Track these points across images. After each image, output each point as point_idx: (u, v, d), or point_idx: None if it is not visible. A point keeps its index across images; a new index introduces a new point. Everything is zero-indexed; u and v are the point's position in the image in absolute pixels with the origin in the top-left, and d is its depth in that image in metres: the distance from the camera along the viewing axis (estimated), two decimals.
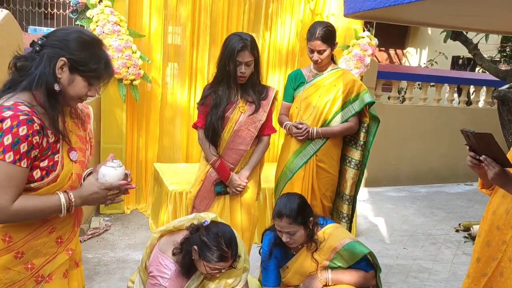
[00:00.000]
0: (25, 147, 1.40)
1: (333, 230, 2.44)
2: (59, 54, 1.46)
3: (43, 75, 1.45)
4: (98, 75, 1.54)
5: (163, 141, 4.92)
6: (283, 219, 2.30)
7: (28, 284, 1.55)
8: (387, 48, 11.79)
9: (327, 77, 2.98)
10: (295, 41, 5.19)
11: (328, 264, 2.37)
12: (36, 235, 1.54)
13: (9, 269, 1.51)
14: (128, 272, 3.39)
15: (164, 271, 2.14)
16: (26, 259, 1.53)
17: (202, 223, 2.19)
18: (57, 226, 1.60)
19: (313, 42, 2.83)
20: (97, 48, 1.54)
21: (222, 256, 2.08)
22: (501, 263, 1.87)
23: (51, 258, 1.59)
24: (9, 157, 1.38)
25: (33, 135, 1.41)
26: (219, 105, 2.69)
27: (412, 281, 3.59)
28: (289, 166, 2.98)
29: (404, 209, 5.45)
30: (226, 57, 2.64)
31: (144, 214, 4.67)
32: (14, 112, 1.38)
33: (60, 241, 1.62)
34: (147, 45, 4.59)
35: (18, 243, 1.51)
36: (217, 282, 2.24)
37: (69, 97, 1.53)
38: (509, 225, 1.88)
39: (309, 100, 2.98)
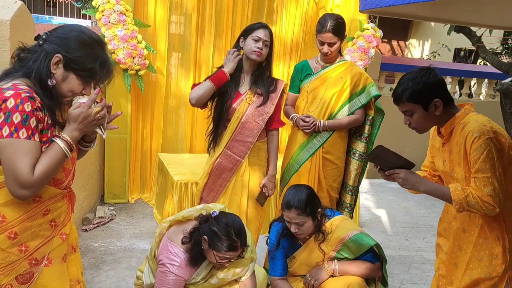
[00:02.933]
0: (34, 122, 1.45)
1: (340, 221, 2.47)
2: (56, 50, 1.51)
3: (38, 69, 1.51)
4: (93, 75, 1.57)
5: (167, 131, 4.94)
6: (292, 210, 2.33)
7: (22, 266, 1.56)
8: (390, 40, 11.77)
9: (334, 69, 2.99)
10: (299, 33, 5.19)
11: (335, 255, 2.41)
12: (30, 215, 1.56)
13: (3, 250, 1.52)
14: (134, 261, 3.44)
15: (173, 259, 2.18)
16: (20, 241, 1.55)
17: (211, 214, 2.22)
18: (51, 208, 1.62)
19: (324, 35, 2.83)
20: (94, 48, 1.57)
21: (232, 245, 2.13)
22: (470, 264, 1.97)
23: (46, 241, 1.61)
24: (23, 134, 1.43)
25: (37, 110, 1.46)
26: (227, 95, 2.70)
27: (414, 272, 3.65)
28: (295, 158, 3.00)
29: (405, 201, 5.49)
30: (243, 34, 2.71)
31: (148, 204, 4.71)
32: (15, 91, 1.43)
33: (54, 225, 1.64)
34: (152, 35, 4.60)
35: (11, 223, 1.52)
36: (225, 271, 2.28)
37: (62, 93, 1.56)
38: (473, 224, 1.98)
39: (315, 92, 2.99)
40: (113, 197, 4.65)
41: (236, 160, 2.78)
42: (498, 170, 1.82)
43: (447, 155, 2.02)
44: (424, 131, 2.05)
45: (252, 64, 2.74)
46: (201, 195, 2.89)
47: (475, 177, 1.85)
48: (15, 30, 1.96)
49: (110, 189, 4.62)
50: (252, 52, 2.66)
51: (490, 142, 1.82)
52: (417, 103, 1.93)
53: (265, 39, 2.68)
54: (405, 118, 2.02)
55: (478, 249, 1.95)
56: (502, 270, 1.91)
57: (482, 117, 1.94)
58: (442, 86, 1.96)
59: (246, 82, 2.76)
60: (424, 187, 1.95)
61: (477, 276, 1.95)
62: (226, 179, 2.81)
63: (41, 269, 1.61)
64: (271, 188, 2.85)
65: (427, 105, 1.92)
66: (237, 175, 2.80)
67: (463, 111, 1.97)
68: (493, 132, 1.85)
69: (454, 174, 2.00)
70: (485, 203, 1.82)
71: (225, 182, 2.81)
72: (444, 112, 1.96)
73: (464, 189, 1.87)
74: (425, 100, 1.92)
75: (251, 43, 2.66)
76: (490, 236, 1.94)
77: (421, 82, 1.90)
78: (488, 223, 1.94)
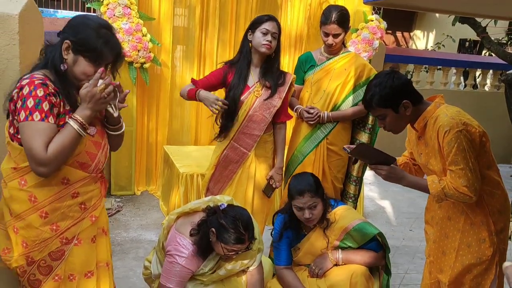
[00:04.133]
0: (47, 106, 1.58)
1: (344, 211, 2.51)
2: (66, 37, 1.65)
3: (53, 58, 1.65)
4: (99, 55, 1.65)
5: (172, 124, 4.97)
6: (305, 194, 2.37)
7: (54, 244, 1.70)
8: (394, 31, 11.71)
9: (337, 60, 2.99)
10: (303, 25, 5.18)
11: (338, 244, 2.44)
12: (59, 197, 1.68)
13: (36, 228, 1.67)
14: (141, 252, 3.48)
15: (182, 250, 2.21)
16: (51, 220, 1.68)
17: (219, 206, 2.25)
18: (80, 191, 1.73)
19: (329, 26, 2.83)
20: (98, 30, 1.65)
21: (240, 238, 2.15)
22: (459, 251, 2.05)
23: (76, 222, 1.74)
24: (36, 116, 1.56)
25: (49, 95, 1.59)
26: (235, 88, 2.72)
27: (418, 262, 3.68)
28: (300, 149, 3.03)
29: (409, 192, 5.48)
30: (251, 27, 2.71)
31: (154, 196, 4.75)
32: (30, 80, 1.59)
33: (84, 207, 1.76)
34: (156, 28, 4.61)
35: (42, 203, 1.66)
36: (233, 263, 2.31)
37: (76, 76, 1.67)
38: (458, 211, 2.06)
39: (319, 84, 3.00)
40: (120, 189, 4.70)
41: (242, 152, 2.80)
42: (470, 160, 1.89)
43: (423, 148, 2.09)
44: (400, 131, 2.11)
45: (261, 57, 2.74)
46: (208, 186, 2.92)
47: (450, 170, 1.92)
48: (23, 24, 1.99)
49: (116, 181, 4.67)
50: (261, 45, 2.66)
51: (460, 134, 1.88)
52: (387, 107, 2.00)
53: (274, 31, 2.67)
54: (379, 122, 2.10)
55: (466, 235, 2.03)
56: (491, 253, 1.99)
57: (452, 109, 2.00)
58: (408, 86, 2.02)
59: (255, 75, 2.77)
60: (405, 182, 2.05)
61: (468, 262, 2.02)
62: (232, 171, 2.84)
63: (71, 248, 1.74)
64: (278, 180, 2.88)
65: (396, 107, 1.98)
66: (244, 167, 2.83)
67: (434, 105, 2.03)
68: (462, 124, 1.91)
69: (430, 166, 2.07)
70: (461, 194, 1.90)
71: (231, 174, 2.84)
72: (415, 110, 2.02)
73: (440, 180, 1.95)
74: (393, 103, 1.98)
75: (260, 36, 2.65)
76: (475, 221, 2.01)
77: (387, 87, 1.96)
78: (471, 209, 2.01)
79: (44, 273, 1.72)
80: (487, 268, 2.01)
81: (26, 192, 1.65)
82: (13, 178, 1.67)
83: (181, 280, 2.21)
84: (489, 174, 2.01)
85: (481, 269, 2.01)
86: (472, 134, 1.92)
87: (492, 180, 2.02)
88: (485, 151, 1.98)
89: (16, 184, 1.66)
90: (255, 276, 2.39)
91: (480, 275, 2.02)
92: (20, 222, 1.67)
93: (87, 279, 1.80)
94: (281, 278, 2.48)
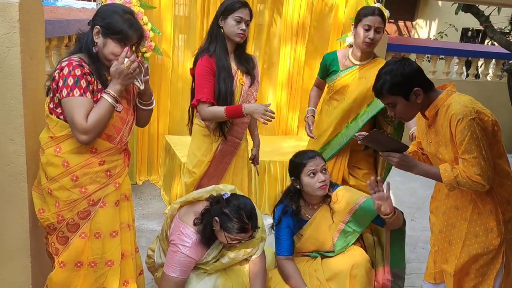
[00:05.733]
0: (84, 83, 1.87)
1: (345, 191, 2.52)
2: (96, 24, 1.92)
3: (86, 42, 1.94)
4: (125, 36, 1.90)
5: (173, 113, 4.96)
6: (317, 157, 2.47)
7: (82, 204, 1.96)
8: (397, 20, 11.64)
9: (362, 67, 2.82)
10: (306, 14, 5.14)
11: (343, 228, 2.44)
12: (88, 163, 1.94)
13: (68, 190, 1.94)
14: (144, 241, 3.49)
15: (185, 239, 2.22)
16: (81, 183, 1.94)
17: (222, 195, 2.25)
18: (106, 159, 1.99)
19: (374, 18, 2.68)
20: (123, 15, 1.92)
21: (243, 227, 2.16)
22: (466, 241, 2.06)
23: (102, 187, 1.99)
24: (76, 92, 1.85)
25: (85, 74, 1.88)
26: (227, 80, 2.59)
27: (420, 251, 3.68)
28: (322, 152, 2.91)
29: (411, 182, 5.50)
30: (223, 13, 2.54)
31: (156, 185, 4.76)
32: (68, 61, 1.88)
33: (109, 174, 2.01)
34: (157, 17, 4.57)
35: (73, 168, 1.93)
36: (236, 251, 2.32)
37: (106, 57, 1.93)
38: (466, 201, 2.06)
39: (340, 92, 2.87)
40: None
41: (236, 142, 2.77)
42: (483, 149, 1.89)
43: (433, 137, 2.07)
44: (410, 119, 2.10)
45: (233, 44, 2.64)
46: (200, 184, 2.76)
47: (463, 158, 1.91)
48: (24, 12, 1.97)
49: None
50: (236, 34, 2.57)
51: (473, 122, 1.87)
52: (398, 95, 1.98)
53: (247, 18, 2.57)
54: (389, 109, 2.08)
55: (473, 225, 2.03)
56: (498, 243, 1.99)
57: (464, 97, 1.98)
58: (420, 74, 2.00)
59: (233, 63, 2.67)
60: (417, 170, 2.04)
61: (475, 251, 2.02)
62: (227, 163, 2.79)
63: (97, 210, 1.99)
64: (258, 157, 3.02)
65: (407, 95, 1.97)
66: (237, 156, 2.81)
67: (446, 93, 2.01)
68: (475, 112, 1.90)
69: (439, 155, 2.06)
70: (474, 182, 1.90)
71: (226, 166, 2.79)
72: (426, 97, 2.00)
73: (453, 169, 1.94)
74: (404, 90, 1.96)
75: (234, 25, 2.54)
76: (484, 210, 2.01)
77: (398, 74, 1.95)
78: (480, 198, 2.01)
79: (72, 230, 1.97)
80: (494, 258, 2.01)
81: (60, 158, 1.92)
82: (50, 146, 1.93)
83: (185, 269, 2.22)
84: (500, 163, 2.00)
85: (487, 259, 2.02)
86: (485, 122, 1.91)
87: (503, 170, 2.01)
88: (497, 140, 1.98)
89: (52, 151, 1.93)
90: (258, 265, 2.40)
91: (486, 265, 2.03)
92: (54, 184, 1.94)
93: (112, 238, 2.03)
94: (282, 269, 2.49)
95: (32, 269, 2.18)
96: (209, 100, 2.56)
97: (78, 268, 2.00)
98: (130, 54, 1.89)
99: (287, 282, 2.44)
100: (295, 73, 5.27)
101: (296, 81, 5.31)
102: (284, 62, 5.25)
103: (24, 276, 2.18)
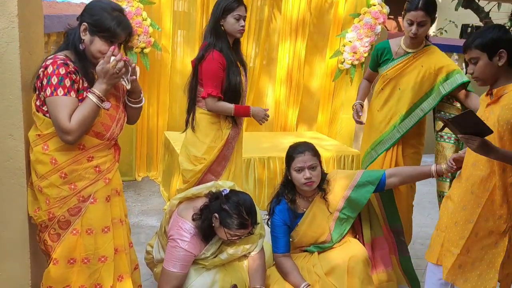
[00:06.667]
0: (69, 82, 1.84)
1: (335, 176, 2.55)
2: (83, 20, 1.89)
3: (73, 39, 1.91)
4: (113, 34, 1.87)
5: (173, 109, 4.95)
6: (306, 153, 2.43)
7: (72, 201, 1.94)
8: (396, 16, 11.62)
9: (416, 55, 2.79)
10: (306, 9, 5.13)
11: (338, 216, 2.47)
12: (76, 160, 1.92)
13: (57, 187, 1.92)
14: (143, 237, 3.50)
15: (184, 234, 2.22)
16: (70, 180, 1.92)
17: (221, 192, 2.26)
18: (94, 155, 1.96)
19: (416, 13, 2.62)
20: (110, 12, 1.88)
21: (243, 223, 2.17)
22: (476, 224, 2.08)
23: (91, 183, 1.96)
24: (60, 91, 1.82)
25: (70, 73, 1.84)
26: (236, 74, 2.80)
27: (418, 247, 3.69)
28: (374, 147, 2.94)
29: None
30: (223, 12, 2.73)
31: (155, 181, 4.76)
32: (53, 60, 1.85)
33: (99, 170, 1.98)
34: (157, 13, 4.56)
35: (61, 165, 1.90)
36: (235, 247, 2.33)
37: (92, 55, 1.90)
38: (484, 189, 2.07)
39: (395, 81, 2.83)
40: (121, 175, 4.65)
41: (239, 128, 2.97)
42: None
43: (488, 115, 2.10)
44: (484, 83, 2.16)
45: (232, 39, 2.84)
46: (209, 169, 2.89)
47: None
48: (23, 7, 1.96)
49: None
50: (237, 31, 2.77)
51: None
52: (484, 51, 2.06)
53: (244, 15, 2.79)
54: (470, 67, 2.17)
55: (485, 210, 2.07)
56: (504, 229, 2.05)
57: None
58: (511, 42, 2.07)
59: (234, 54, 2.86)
60: (496, 155, 2.01)
61: (481, 233, 2.08)
62: (233, 147, 2.97)
63: (88, 206, 1.97)
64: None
65: (492, 55, 2.04)
66: (238, 141, 3.01)
67: None
68: None
69: None
70: None
71: (232, 150, 2.97)
72: (506, 69, 2.06)
73: None
74: (491, 49, 2.04)
75: (234, 23, 2.74)
76: (498, 199, 2.05)
77: (493, 33, 2.05)
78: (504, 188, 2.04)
79: (64, 227, 1.96)
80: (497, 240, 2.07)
81: (48, 155, 1.90)
82: (38, 144, 1.92)
83: (185, 264, 2.22)
84: None
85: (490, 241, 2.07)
86: None
87: None
88: None
89: (40, 149, 1.92)
90: (257, 261, 2.40)
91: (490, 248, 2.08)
92: (44, 181, 1.92)
93: (104, 233, 2.01)
94: (280, 266, 2.49)
95: (32, 265, 2.18)
96: (218, 95, 2.77)
97: (71, 264, 1.99)
98: (117, 52, 1.87)
99: (285, 279, 2.44)
100: (294, 69, 5.27)
101: (296, 77, 5.30)
102: (284, 58, 5.24)
103: (23, 271, 2.18)
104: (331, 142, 4.98)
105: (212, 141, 2.87)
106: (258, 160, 4.15)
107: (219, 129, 2.87)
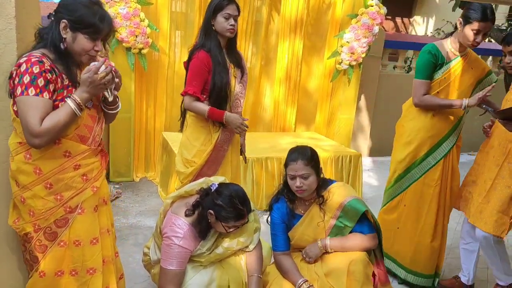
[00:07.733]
0: (42, 82, 1.71)
1: (337, 188, 2.51)
2: (61, 17, 1.78)
3: (51, 38, 1.79)
4: (96, 30, 1.79)
5: (170, 110, 4.95)
6: (298, 161, 2.37)
7: (58, 212, 1.84)
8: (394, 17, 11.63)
9: (465, 58, 2.87)
10: (304, 10, 5.13)
11: (335, 223, 2.45)
12: (62, 169, 1.82)
13: (42, 198, 1.81)
14: (141, 238, 3.50)
15: (177, 231, 2.23)
16: (55, 190, 1.82)
17: (210, 187, 2.28)
18: (81, 163, 1.87)
19: (485, 24, 2.64)
20: (92, 7, 1.79)
21: (239, 214, 2.22)
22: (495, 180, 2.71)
23: (78, 192, 1.87)
24: (31, 91, 1.70)
25: (45, 72, 1.72)
26: (223, 75, 2.73)
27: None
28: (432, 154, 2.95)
29: None
30: (214, 11, 2.70)
31: (153, 182, 4.75)
32: (27, 58, 1.73)
33: (86, 179, 1.89)
34: (154, 13, 4.56)
35: (47, 174, 1.80)
36: (229, 241, 2.35)
37: (76, 53, 1.81)
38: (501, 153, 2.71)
39: (451, 85, 2.86)
40: (119, 176, 4.70)
41: (232, 132, 2.89)
42: None
43: None
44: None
45: (225, 39, 2.79)
46: (200, 172, 2.85)
47: None
48: (20, 8, 1.96)
49: (115, 167, 4.66)
50: (226, 30, 2.71)
51: None
52: None
53: (235, 14, 2.72)
54: (508, 57, 2.73)
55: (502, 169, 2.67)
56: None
57: None
58: None
59: (226, 57, 2.82)
60: None
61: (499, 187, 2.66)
62: (226, 150, 2.92)
63: (75, 217, 1.88)
64: (244, 146, 3.10)
65: None
66: (232, 143, 2.94)
67: None
68: None
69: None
70: None
71: (224, 153, 2.92)
72: None
73: None
74: None
75: (223, 21, 2.69)
76: None
77: None
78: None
79: (50, 239, 1.86)
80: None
81: (31, 165, 1.79)
82: (19, 152, 1.81)
83: (181, 261, 2.23)
84: None
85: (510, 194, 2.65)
86: None
87: None
88: None
89: (22, 158, 1.80)
90: (254, 256, 2.43)
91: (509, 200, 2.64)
92: (27, 192, 1.81)
93: (93, 245, 1.93)
94: (279, 264, 2.49)
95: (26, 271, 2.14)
96: (196, 94, 2.72)
97: (59, 277, 1.91)
98: (107, 64, 1.79)
99: (284, 277, 2.44)
100: (293, 69, 5.27)
101: (294, 78, 5.31)
102: (282, 58, 5.25)
103: (16, 277, 2.13)
104: (329, 143, 4.98)
105: (202, 144, 2.83)
106: (256, 160, 4.15)
107: (209, 132, 2.83)
